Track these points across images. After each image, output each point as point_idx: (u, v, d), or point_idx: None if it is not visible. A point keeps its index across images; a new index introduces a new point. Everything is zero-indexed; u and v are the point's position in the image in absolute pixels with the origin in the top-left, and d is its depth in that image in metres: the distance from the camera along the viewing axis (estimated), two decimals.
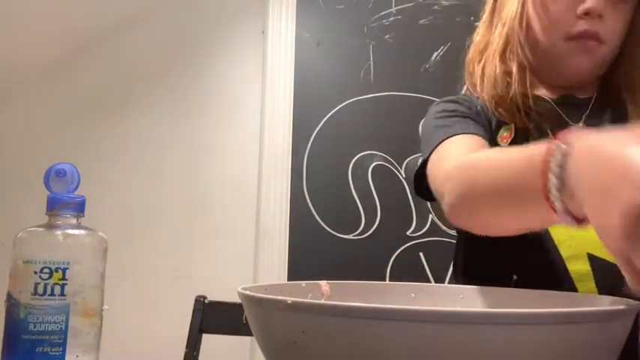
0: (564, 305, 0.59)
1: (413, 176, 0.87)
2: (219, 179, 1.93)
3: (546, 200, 0.49)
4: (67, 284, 0.61)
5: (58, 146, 1.86)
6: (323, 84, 1.97)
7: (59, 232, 0.63)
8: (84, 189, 0.67)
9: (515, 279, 0.76)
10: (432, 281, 1.83)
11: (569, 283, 0.75)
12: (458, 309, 0.38)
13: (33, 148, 1.87)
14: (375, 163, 1.93)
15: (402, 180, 1.91)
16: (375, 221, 1.89)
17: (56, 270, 0.61)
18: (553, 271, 0.76)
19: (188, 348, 1.13)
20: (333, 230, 1.89)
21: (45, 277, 0.60)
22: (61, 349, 0.60)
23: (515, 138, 0.86)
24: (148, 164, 1.92)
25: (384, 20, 2.01)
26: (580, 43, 0.84)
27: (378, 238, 1.88)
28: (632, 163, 0.39)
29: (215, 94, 1.98)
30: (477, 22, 0.98)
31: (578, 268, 0.75)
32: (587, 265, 0.75)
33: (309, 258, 1.86)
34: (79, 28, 1.93)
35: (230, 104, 1.98)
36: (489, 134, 0.87)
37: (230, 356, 1.58)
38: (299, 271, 1.84)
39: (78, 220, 0.64)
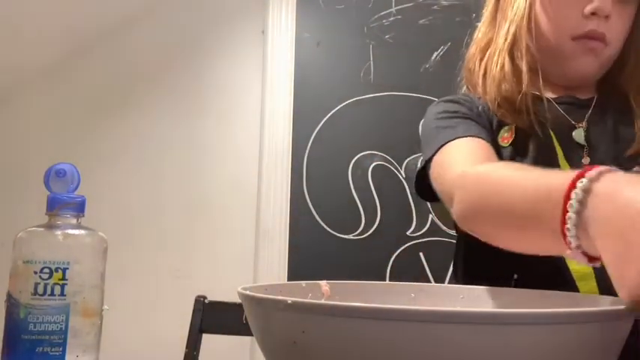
0: (565, 305, 0.58)
1: (414, 177, 0.87)
2: (219, 179, 1.93)
3: (562, 235, 0.48)
4: (67, 284, 0.61)
5: (57, 146, 1.87)
6: (323, 84, 1.97)
7: (59, 232, 0.63)
8: (84, 189, 0.67)
9: (516, 278, 0.76)
10: (432, 281, 1.83)
11: (570, 282, 0.75)
12: (458, 309, 0.38)
13: (33, 148, 1.87)
14: (375, 163, 1.93)
15: (402, 180, 1.91)
16: (375, 221, 1.89)
17: (56, 270, 0.61)
18: (554, 271, 0.76)
19: (188, 348, 1.13)
20: (333, 230, 1.89)
21: (45, 277, 0.60)
22: (61, 349, 0.60)
23: (516, 139, 0.86)
24: (147, 164, 1.92)
25: (384, 20, 2.01)
26: (586, 43, 0.84)
27: (378, 238, 1.88)
28: None
29: (215, 94, 1.98)
30: (478, 22, 0.98)
31: (579, 267, 0.75)
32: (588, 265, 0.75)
33: (309, 258, 1.86)
34: (79, 28, 1.93)
35: (230, 104, 1.98)
36: (491, 135, 0.86)
37: (230, 356, 1.58)
38: (299, 271, 1.84)
39: (78, 220, 0.64)
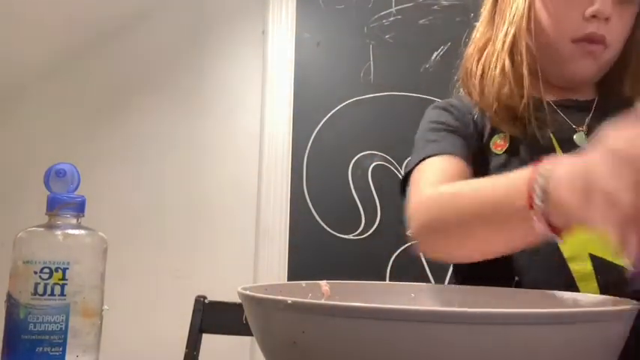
0: (565, 305, 0.58)
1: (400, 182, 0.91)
2: (219, 179, 1.93)
3: (530, 209, 0.55)
4: (67, 284, 0.61)
5: (58, 146, 1.86)
6: (323, 84, 1.97)
7: (59, 232, 0.63)
8: (84, 189, 0.67)
9: (517, 280, 0.76)
10: (432, 281, 1.83)
11: (571, 283, 0.75)
12: (458, 309, 0.38)
13: (33, 148, 1.87)
14: (375, 163, 1.93)
15: None
16: (375, 221, 1.89)
17: (56, 270, 0.61)
18: (555, 272, 0.76)
19: (188, 348, 1.13)
20: (333, 230, 1.89)
21: (45, 277, 0.60)
22: (61, 349, 0.60)
23: (511, 145, 0.85)
24: (148, 164, 1.92)
25: (384, 20, 2.01)
26: (586, 46, 0.83)
27: (378, 238, 1.88)
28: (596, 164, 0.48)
29: (215, 94, 1.98)
30: (476, 22, 0.97)
31: (580, 268, 0.75)
32: (589, 265, 0.75)
33: (309, 258, 1.86)
34: (79, 28, 1.93)
35: (230, 104, 1.98)
36: (478, 142, 0.87)
37: (230, 356, 1.58)
38: (299, 271, 1.84)
39: (78, 220, 0.64)
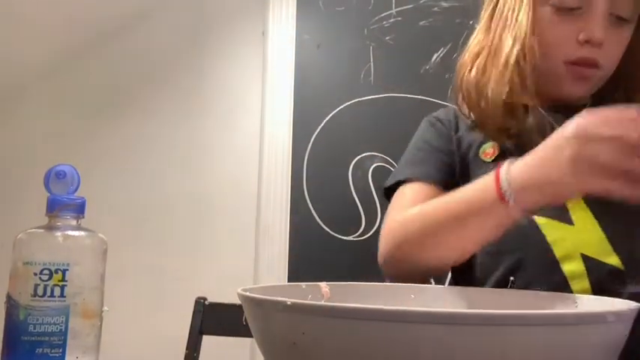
0: (564, 307, 0.58)
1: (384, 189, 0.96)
2: (219, 181, 1.93)
3: (501, 199, 0.67)
4: (66, 285, 0.61)
5: (57, 147, 1.86)
6: (323, 85, 1.97)
7: (59, 234, 0.63)
8: (84, 190, 0.67)
9: (512, 280, 0.77)
10: (432, 282, 1.83)
11: (563, 282, 0.77)
12: (458, 310, 0.38)
13: (33, 149, 1.87)
14: (376, 164, 1.93)
15: None
16: (376, 223, 1.89)
17: (56, 271, 0.61)
18: (547, 272, 0.77)
19: (188, 349, 1.13)
20: (333, 232, 1.89)
21: (45, 278, 0.60)
22: (61, 350, 0.60)
23: (500, 153, 0.87)
24: (148, 165, 1.92)
25: (384, 22, 2.01)
26: (578, 70, 0.85)
27: (378, 239, 1.88)
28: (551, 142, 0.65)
29: (216, 95, 1.98)
30: (476, 24, 0.98)
31: (572, 268, 0.77)
32: (580, 265, 0.76)
33: (309, 259, 1.86)
34: (79, 29, 1.94)
35: (230, 105, 1.98)
36: (464, 156, 0.90)
37: (230, 358, 1.57)
38: (299, 273, 1.84)
39: (78, 222, 0.64)
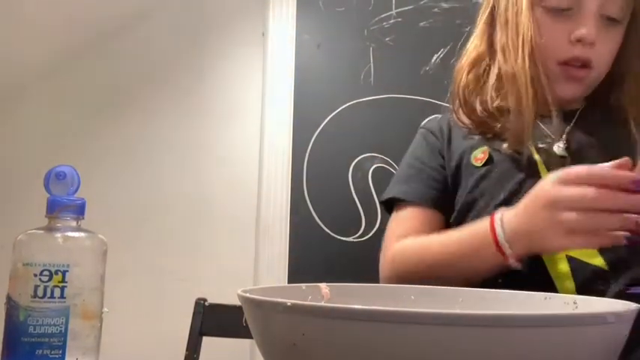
0: (563, 307, 0.58)
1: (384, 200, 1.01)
2: (219, 181, 1.93)
3: (498, 250, 0.74)
4: (66, 287, 0.61)
5: (57, 147, 1.86)
6: (323, 86, 1.97)
7: (59, 235, 0.63)
8: (84, 191, 0.67)
9: (500, 282, 0.79)
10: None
11: (549, 282, 0.79)
12: (458, 311, 0.38)
13: (33, 150, 1.87)
14: (376, 165, 1.93)
15: None
16: (376, 224, 1.89)
17: (56, 272, 0.61)
18: (534, 272, 0.79)
19: (188, 351, 1.13)
20: (333, 232, 1.89)
21: (45, 279, 0.60)
22: (61, 351, 0.60)
23: (490, 158, 0.89)
24: (147, 166, 1.92)
25: (384, 23, 2.01)
26: (571, 70, 0.87)
27: (378, 240, 1.87)
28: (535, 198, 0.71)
29: (215, 95, 1.98)
30: (474, 30, 0.99)
31: (558, 268, 0.79)
32: (565, 266, 0.79)
33: (309, 260, 1.86)
34: (79, 29, 1.94)
35: (230, 106, 1.98)
36: (455, 165, 0.93)
37: (230, 359, 1.57)
38: (299, 274, 1.83)
39: (78, 223, 0.64)
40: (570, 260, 0.79)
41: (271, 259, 1.86)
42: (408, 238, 0.92)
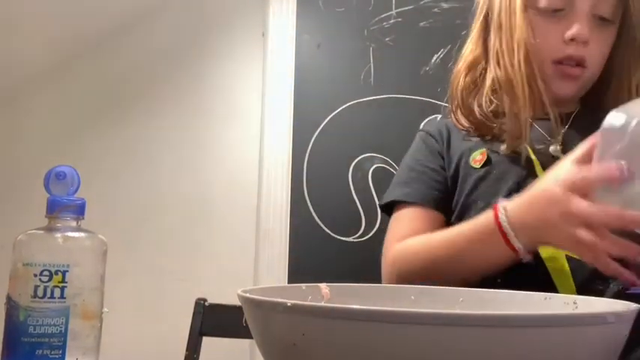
0: (563, 307, 0.58)
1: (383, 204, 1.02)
2: (219, 181, 1.93)
3: (507, 244, 0.74)
4: (66, 287, 0.61)
5: (57, 148, 1.86)
6: (323, 86, 1.97)
7: (59, 235, 0.63)
8: (84, 191, 0.67)
9: (499, 282, 0.80)
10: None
11: (548, 281, 0.79)
12: (458, 311, 0.38)
13: (33, 150, 1.87)
14: (376, 165, 1.93)
15: None
16: (376, 224, 1.89)
17: (56, 272, 0.61)
18: (534, 271, 0.80)
19: (188, 351, 1.13)
20: (333, 232, 1.89)
21: (45, 279, 0.60)
22: (61, 351, 0.60)
23: (488, 159, 0.90)
24: (148, 166, 1.92)
25: (384, 23, 2.01)
26: (564, 69, 0.88)
27: (378, 240, 1.87)
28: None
29: (215, 95, 1.98)
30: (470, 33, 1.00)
31: (557, 267, 0.80)
32: (565, 266, 0.79)
33: (309, 260, 1.86)
34: (79, 29, 1.94)
35: (230, 106, 1.98)
36: (454, 167, 0.94)
37: (230, 359, 1.57)
38: (299, 274, 1.83)
39: (78, 223, 0.64)
40: (570, 260, 0.79)
41: (271, 259, 1.86)
42: (409, 238, 0.92)
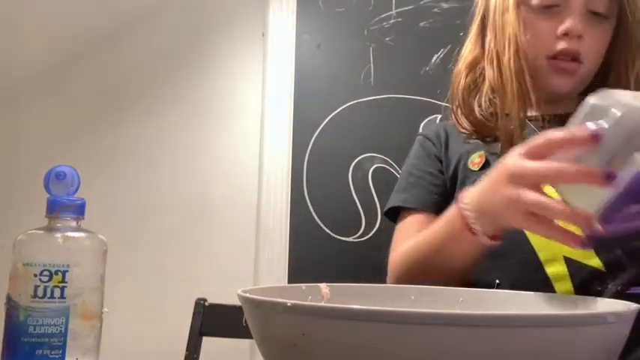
0: (563, 308, 0.58)
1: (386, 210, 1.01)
2: (219, 181, 1.93)
3: (469, 230, 0.72)
4: (66, 287, 0.61)
5: (57, 148, 1.86)
6: (323, 86, 1.97)
7: (59, 235, 0.63)
8: (84, 191, 0.67)
9: (498, 283, 0.80)
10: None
11: (547, 284, 0.79)
12: (458, 311, 0.38)
13: (33, 150, 1.87)
14: (376, 165, 1.93)
15: None
16: (376, 224, 1.89)
17: (56, 272, 0.61)
18: (532, 274, 0.80)
19: (188, 351, 1.13)
20: (333, 232, 1.89)
21: (45, 279, 0.60)
22: (61, 351, 0.60)
23: (486, 162, 0.90)
24: (147, 166, 1.92)
25: (384, 23, 2.01)
26: (559, 64, 0.88)
27: (378, 240, 1.88)
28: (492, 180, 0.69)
29: (215, 95, 1.98)
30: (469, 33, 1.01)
31: (555, 270, 0.80)
32: (563, 267, 0.79)
33: (309, 260, 1.86)
34: (79, 29, 1.94)
35: (230, 106, 1.98)
36: (453, 169, 0.94)
37: (230, 359, 1.57)
38: (299, 274, 1.83)
39: (78, 223, 0.64)
40: (567, 261, 0.79)
41: (271, 259, 1.86)
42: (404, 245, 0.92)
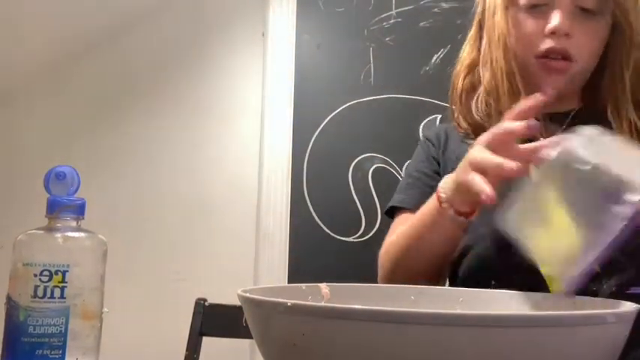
0: (563, 308, 0.58)
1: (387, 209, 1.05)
2: (219, 182, 1.93)
3: (440, 206, 0.78)
4: (66, 287, 0.61)
5: (57, 149, 1.86)
6: (323, 86, 1.97)
7: (59, 235, 0.63)
8: (84, 191, 0.67)
9: (494, 284, 0.80)
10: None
11: (541, 284, 0.78)
12: (458, 312, 0.38)
13: (33, 150, 1.87)
14: (376, 165, 1.93)
15: None
16: (376, 224, 1.89)
17: (56, 273, 0.61)
18: (526, 274, 0.79)
19: (188, 351, 1.13)
20: (333, 232, 1.89)
21: (45, 279, 0.60)
22: (61, 351, 0.60)
23: None
24: (148, 166, 1.92)
25: (384, 23, 2.01)
26: (547, 63, 0.88)
27: (378, 240, 1.87)
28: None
29: (215, 95, 1.98)
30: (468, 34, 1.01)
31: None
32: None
33: (309, 260, 1.86)
34: (79, 29, 1.94)
35: (230, 106, 1.98)
36: (449, 171, 0.94)
37: (230, 359, 1.57)
38: (299, 274, 1.83)
39: (78, 223, 0.64)
40: None
41: (271, 259, 1.86)
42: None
